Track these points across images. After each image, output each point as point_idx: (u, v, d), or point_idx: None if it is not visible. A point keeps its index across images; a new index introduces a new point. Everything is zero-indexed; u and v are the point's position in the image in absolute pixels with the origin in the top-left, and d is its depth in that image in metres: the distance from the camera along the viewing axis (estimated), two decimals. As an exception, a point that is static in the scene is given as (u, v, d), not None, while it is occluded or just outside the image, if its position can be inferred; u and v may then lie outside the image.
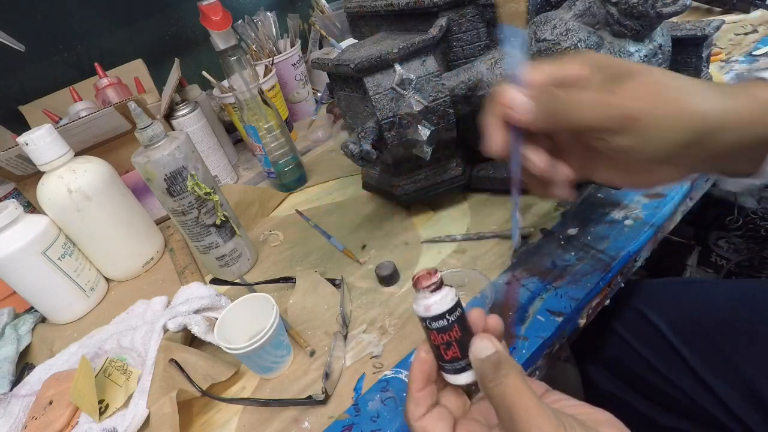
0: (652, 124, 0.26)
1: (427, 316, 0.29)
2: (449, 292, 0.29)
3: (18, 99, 0.82)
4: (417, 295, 0.30)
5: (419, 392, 0.29)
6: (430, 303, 0.29)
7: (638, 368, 0.50)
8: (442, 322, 0.29)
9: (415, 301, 0.30)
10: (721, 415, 0.43)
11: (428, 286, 0.29)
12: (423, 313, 0.29)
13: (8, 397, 0.50)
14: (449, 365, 0.29)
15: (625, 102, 0.26)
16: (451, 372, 0.30)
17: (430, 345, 0.30)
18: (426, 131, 0.46)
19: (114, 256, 0.64)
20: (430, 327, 0.29)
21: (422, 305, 0.29)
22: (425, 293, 0.29)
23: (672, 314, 0.48)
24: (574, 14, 0.44)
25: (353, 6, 0.56)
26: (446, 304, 0.29)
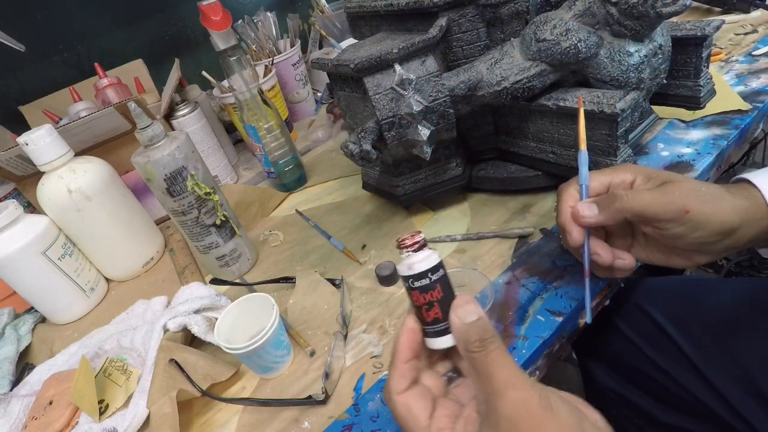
0: (698, 217, 0.34)
1: (410, 275, 0.29)
2: (432, 253, 0.30)
3: (18, 99, 0.82)
4: (401, 255, 0.30)
5: (405, 363, 0.30)
6: (413, 261, 0.29)
7: (640, 364, 0.50)
8: (425, 281, 0.29)
9: (400, 263, 0.30)
10: (722, 411, 0.43)
11: (412, 245, 0.30)
12: (406, 271, 0.29)
13: (8, 397, 0.50)
14: (430, 327, 0.30)
15: (680, 199, 0.34)
16: (431, 335, 0.30)
17: (412, 307, 0.30)
18: (426, 131, 0.46)
19: (114, 256, 0.64)
20: (413, 286, 0.29)
21: (405, 264, 0.29)
22: (408, 252, 0.30)
23: (674, 310, 0.48)
24: (573, 14, 0.44)
25: (353, 6, 0.56)
26: (429, 263, 0.29)
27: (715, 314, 0.46)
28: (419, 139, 0.46)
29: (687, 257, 0.37)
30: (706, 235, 0.34)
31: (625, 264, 0.38)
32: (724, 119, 0.56)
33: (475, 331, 0.27)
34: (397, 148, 0.49)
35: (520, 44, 0.47)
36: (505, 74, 0.46)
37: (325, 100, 0.99)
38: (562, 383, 0.81)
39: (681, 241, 0.35)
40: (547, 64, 0.45)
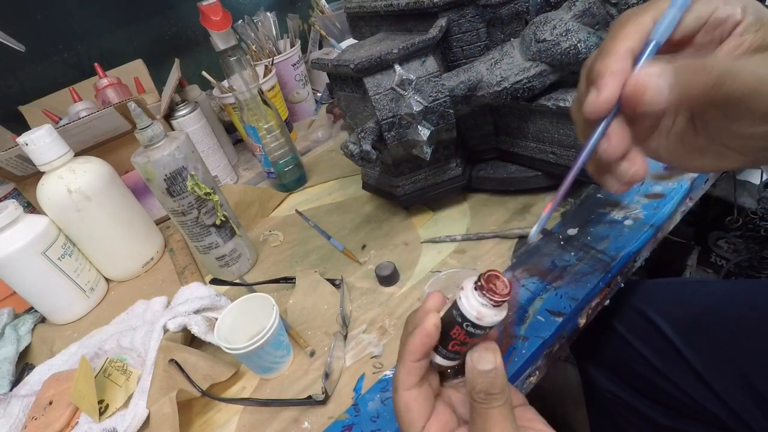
0: None
1: (472, 322, 0.27)
2: (501, 311, 0.27)
3: (18, 99, 0.82)
4: (474, 295, 0.26)
5: (415, 363, 0.29)
6: (485, 314, 0.26)
7: (638, 367, 0.50)
8: (479, 332, 0.27)
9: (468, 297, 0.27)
10: (721, 413, 0.43)
11: (497, 301, 0.26)
12: (472, 317, 0.26)
13: (8, 397, 0.50)
14: (444, 352, 0.29)
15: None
16: (441, 356, 0.29)
17: (445, 329, 0.28)
18: (426, 131, 0.46)
19: (114, 256, 0.64)
20: (464, 326, 0.27)
21: (476, 311, 0.26)
22: (489, 301, 0.26)
23: (672, 313, 0.48)
24: (573, 15, 0.44)
25: (353, 6, 0.56)
26: (495, 321, 0.27)
27: (714, 316, 0.46)
28: (419, 139, 0.46)
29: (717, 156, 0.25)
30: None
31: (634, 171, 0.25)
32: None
33: (483, 381, 0.26)
34: (397, 148, 0.49)
35: (520, 44, 0.47)
36: (505, 74, 0.46)
37: (325, 100, 0.99)
38: (562, 384, 0.81)
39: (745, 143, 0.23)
40: (547, 65, 0.45)
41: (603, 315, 0.47)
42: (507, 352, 0.39)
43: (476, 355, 0.27)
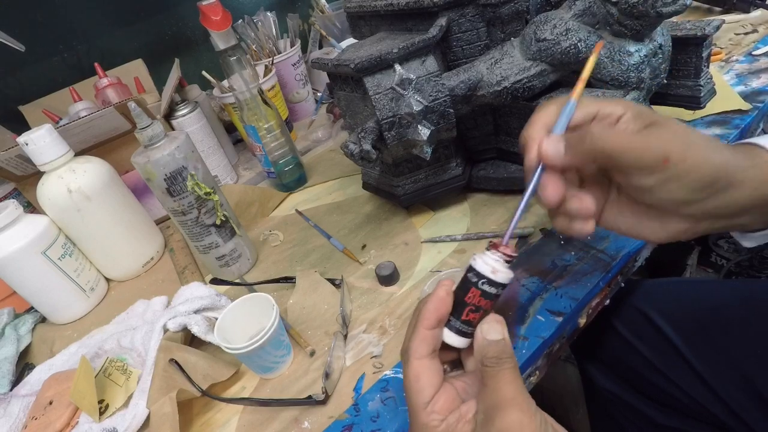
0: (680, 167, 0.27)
1: (488, 277, 0.29)
2: (510, 272, 0.30)
3: (18, 99, 0.82)
4: (489, 254, 0.30)
5: (429, 330, 0.30)
6: (499, 269, 0.29)
7: (638, 367, 0.50)
8: (494, 290, 0.29)
9: (482, 258, 0.30)
10: (720, 413, 0.43)
11: (509, 256, 0.30)
12: (487, 272, 0.29)
13: (8, 397, 0.50)
14: (458, 324, 0.30)
15: (661, 145, 0.28)
16: (454, 331, 0.30)
17: (459, 298, 0.30)
18: (426, 131, 0.46)
19: (114, 256, 0.64)
20: (480, 287, 0.29)
21: (491, 266, 0.29)
22: (500, 256, 0.30)
23: (672, 313, 0.48)
24: (574, 14, 0.44)
25: (353, 6, 0.56)
26: (507, 278, 0.30)
27: (714, 316, 0.46)
28: (419, 139, 0.46)
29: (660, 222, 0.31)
30: (686, 190, 0.28)
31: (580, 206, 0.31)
32: (725, 119, 0.56)
33: (494, 348, 0.28)
34: (397, 148, 0.49)
35: (520, 44, 0.47)
36: (506, 74, 0.46)
37: (325, 99, 0.98)
38: (562, 383, 0.81)
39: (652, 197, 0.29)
40: (547, 64, 0.45)
41: (603, 315, 0.47)
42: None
43: (486, 326, 0.29)
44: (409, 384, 0.30)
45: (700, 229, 0.30)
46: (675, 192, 0.28)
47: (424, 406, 0.29)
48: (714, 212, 0.29)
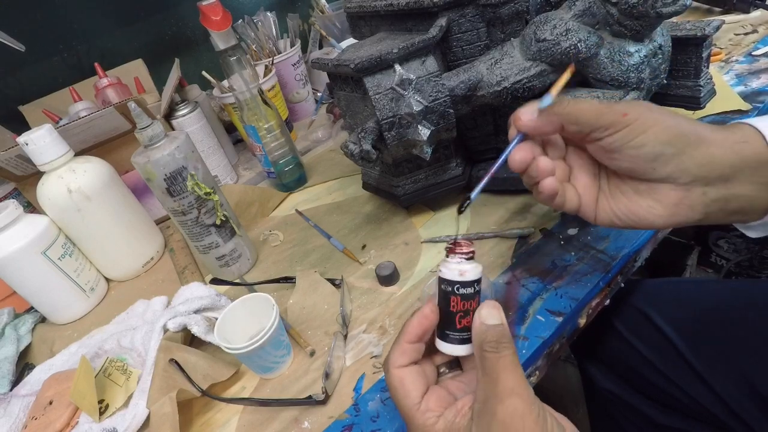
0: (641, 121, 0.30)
1: (459, 281, 0.29)
2: (477, 265, 0.30)
3: (18, 99, 0.82)
4: (450, 260, 0.30)
5: (409, 344, 0.31)
6: (465, 269, 0.29)
7: (638, 367, 0.50)
8: (470, 290, 0.30)
9: (446, 266, 0.30)
10: (720, 413, 0.43)
11: (467, 253, 0.30)
12: (456, 277, 0.29)
13: (8, 397, 0.50)
14: (456, 334, 0.30)
15: (622, 106, 0.31)
16: (455, 341, 0.31)
17: (445, 311, 0.30)
18: (426, 131, 0.46)
19: (114, 256, 0.64)
20: (457, 292, 0.30)
21: (457, 270, 0.30)
22: (461, 259, 0.30)
23: (672, 313, 0.48)
24: (574, 14, 0.44)
25: (353, 6, 0.56)
26: (477, 274, 0.30)
27: (714, 316, 0.46)
28: (419, 139, 0.46)
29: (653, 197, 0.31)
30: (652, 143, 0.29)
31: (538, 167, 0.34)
32: (724, 119, 0.56)
33: (494, 333, 0.28)
34: (397, 148, 0.49)
35: (520, 44, 0.47)
36: (505, 74, 0.46)
37: (325, 99, 0.99)
38: (562, 383, 0.81)
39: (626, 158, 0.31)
40: (547, 64, 0.45)
41: (603, 315, 0.47)
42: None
43: (485, 311, 0.29)
44: (395, 390, 0.30)
45: (694, 197, 0.30)
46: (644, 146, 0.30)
47: (416, 406, 0.29)
48: (697, 172, 0.29)
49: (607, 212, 0.34)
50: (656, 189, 0.31)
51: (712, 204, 0.30)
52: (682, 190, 0.30)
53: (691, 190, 0.30)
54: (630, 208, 0.33)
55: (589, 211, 0.35)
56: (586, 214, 0.35)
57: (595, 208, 0.35)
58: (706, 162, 0.29)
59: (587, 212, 0.35)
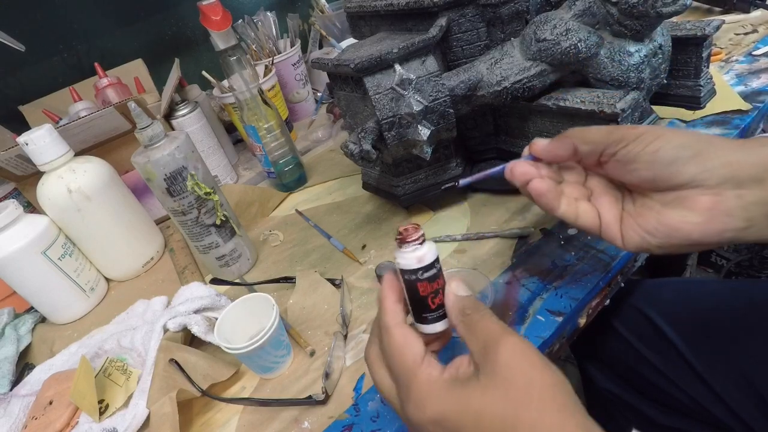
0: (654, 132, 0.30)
1: (420, 267, 0.29)
2: (431, 243, 0.30)
3: (18, 99, 0.82)
4: (404, 249, 0.30)
5: (395, 304, 0.30)
6: (422, 254, 0.29)
7: (638, 367, 0.50)
8: (433, 271, 0.30)
9: (402, 256, 0.30)
10: (720, 413, 0.43)
11: (417, 238, 0.30)
12: (416, 264, 0.29)
13: (8, 397, 0.50)
14: (432, 314, 0.31)
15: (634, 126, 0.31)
16: (432, 321, 0.31)
17: (415, 297, 0.30)
18: (426, 131, 0.46)
19: (114, 256, 0.64)
20: (421, 278, 0.30)
21: (414, 257, 0.29)
22: (414, 245, 0.30)
23: (672, 313, 0.48)
24: (574, 14, 0.44)
25: (353, 6, 0.56)
26: (434, 253, 0.30)
27: (714, 316, 0.46)
28: (419, 139, 0.46)
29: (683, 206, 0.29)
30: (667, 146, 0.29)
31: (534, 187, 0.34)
32: (725, 119, 0.56)
33: (468, 300, 0.29)
34: (397, 148, 0.49)
35: (520, 44, 0.47)
36: (505, 74, 0.46)
37: (325, 99, 0.99)
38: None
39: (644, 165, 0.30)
40: (547, 64, 0.45)
41: (603, 315, 0.47)
42: None
43: (454, 285, 0.30)
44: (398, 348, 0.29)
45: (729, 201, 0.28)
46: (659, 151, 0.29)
47: (420, 359, 0.28)
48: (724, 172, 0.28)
49: (636, 231, 0.32)
50: (685, 197, 0.29)
51: (752, 208, 0.28)
52: (712, 194, 0.28)
53: (723, 193, 0.28)
54: (661, 221, 0.30)
55: (612, 232, 0.33)
56: (609, 235, 0.34)
57: (620, 229, 0.33)
58: (731, 162, 0.28)
59: (611, 234, 0.33)
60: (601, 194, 0.35)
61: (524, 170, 0.34)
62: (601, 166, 0.33)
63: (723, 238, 0.29)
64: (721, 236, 0.29)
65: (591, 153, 0.32)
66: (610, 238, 0.34)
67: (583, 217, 0.34)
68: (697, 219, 0.29)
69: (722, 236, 0.29)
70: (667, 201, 0.30)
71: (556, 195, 0.34)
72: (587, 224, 0.34)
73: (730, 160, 0.28)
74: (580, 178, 0.36)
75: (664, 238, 0.30)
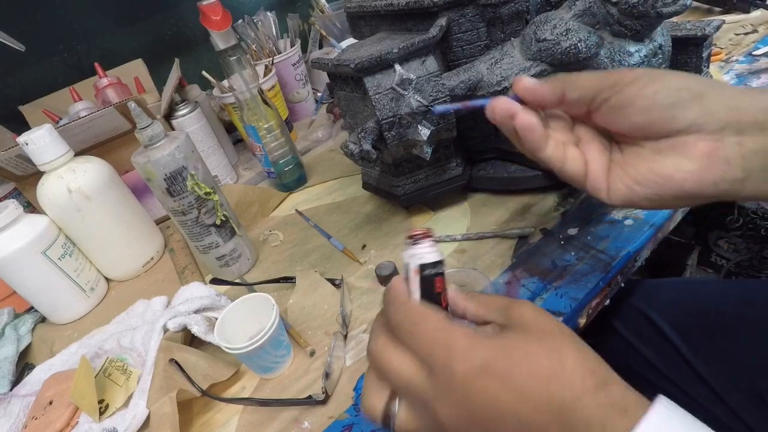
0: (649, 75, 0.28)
1: (441, 260, 0.29)
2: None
3: (18, 99, 0.82)
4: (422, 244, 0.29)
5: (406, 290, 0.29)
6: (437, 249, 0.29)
7: (638, 367, 0.50)
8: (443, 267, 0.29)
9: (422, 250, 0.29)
10: (720, 412, 0.43)
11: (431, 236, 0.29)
12: (438, 257, 0.29)
13: (8, 397, 0.50)
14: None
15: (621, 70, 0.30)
16: None
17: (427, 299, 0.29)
18: (426, 131, 0.46)
19: (114, 256, 0.64)
20: (440, 272, 0.29)
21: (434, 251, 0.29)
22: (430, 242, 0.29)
23: (673, 313, 0.48)
24: (574, 14, 0.44)
25: (353, 6, 0.56)
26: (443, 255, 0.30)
27: (713, 316, 0.46)
28: (419, 139, 0.46)
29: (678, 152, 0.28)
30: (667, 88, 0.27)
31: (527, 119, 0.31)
32: (724, 119, 0.56)
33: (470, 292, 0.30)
34: (397, 148, 0.49)
35: (520, 44, 0.47)
36: (506, 74, 0.46)
37: (325, 99, 0.98)
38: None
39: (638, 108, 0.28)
40: (547, 64, 0.45)
41: (603, 315, 0.47)
42: None
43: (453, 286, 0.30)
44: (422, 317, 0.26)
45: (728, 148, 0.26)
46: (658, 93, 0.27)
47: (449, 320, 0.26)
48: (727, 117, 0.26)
49: (624, 182, 0.30)
50: (682, 143, 0.27)
51: (751, 157, 0.26)
52: (712, 140, 0.26)
53: (723, 139, 0.26)
54: (653, 170, 0.28)
55: (598, 182, 0.31)
56: (594, 185, 0.31)
57: (607, 180, 0.31)
58: (736, 106, 0.26)
59: (596, 183, 0.31)
60: (589, 141, 0.32)
61: (507, 106, 0.32)
62: (591, 117, 0.31)
63: (718, 189, 0.27)
64: (717, 187, 0.27)
65: (580, 100, 0.30)
66: (595, 188, 0.31)
67: (570, 163, 0.32)
68: (692, 167, 0.27)
69: (718, 187, 0.27)
70: (660, 149, 0.28)
71: (543, 134, 0.31)
72: (574, 171, 0.32)
73: (736, 104, 0.26)
74: (568, 124, 0.33)
75: (655, 188, 0.29)
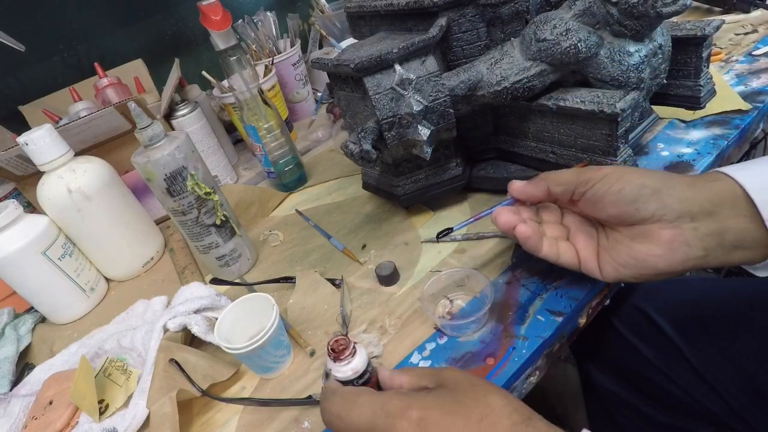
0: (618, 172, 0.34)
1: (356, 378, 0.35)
2: (361, 348, 0.35)
3: (18, 99, 0.82)
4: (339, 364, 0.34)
5: None
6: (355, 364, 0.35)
7: (638, 366, 0.50)
8: (366, 375, 0.35)
9: (338, 369, 0.34)
10: (721, 411, 0.43)
11: (350, 352, 0.34)
12: (352, 376, 0.34)
13: (8, 397, 0.50)
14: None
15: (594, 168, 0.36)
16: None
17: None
18: (426, 131, 0.46)
19: (114, 256, 0.64)
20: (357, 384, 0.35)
21: (349, 369, 0.34)
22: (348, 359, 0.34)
23: (673, 312, 0.48)
24: (574, 14, 0.44)
25: (353, 6, 0.56)
26: (365, 359, 0.35)
27: (713, 314, 0.46)
28: (419, 139, 0.46)
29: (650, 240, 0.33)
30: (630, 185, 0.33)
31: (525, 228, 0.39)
32: (725, 119, 0.56)
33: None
34: (397, 148, 0.49)
35: (520, 44, 0.47)
36: (505, 74, 0.46)
37: (325, 99, 0.99)
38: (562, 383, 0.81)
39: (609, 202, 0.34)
40: (547, 64, 0.45)
41: (603, 314, 0.47)
42: (507, 351, 0.39)
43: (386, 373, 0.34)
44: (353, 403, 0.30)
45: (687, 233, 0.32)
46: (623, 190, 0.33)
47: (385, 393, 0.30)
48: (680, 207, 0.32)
49: (611, 265, 0.36)
50: (649, 231, 0.33)
51: (707, 238, 0.31)
52: (672, 228, 0.32)
53: (681, 226, 0.32)
54: (630, 254, 0.34)
55: (591, 267, 0.37)
56: (589, 269, 0.38)
57: (598, 263, 0.37)
58: (685, 198, 0.32)
59: (589, 268, 0.37)
60: (577, 231, 0.39)
61: (507, 219, 0.39)
62: (575, 204, 0.38)
63: (686, 266, 0.32)
64: (684, 265, 0.32)
65: (563, 193, 0.37)
66: (589, 271, 0.38)
67: (563, 256, 0.39)
68: (660, 251, 0.33)
69: (685, 265, 0.32)
70: (634, 235, 0.34)
71: (539, 238, 0.39)
72: (568, 262, 0.39)
73: (685, 197, 0.32)
74: (557, 216, 0.41)
75: (636, 269, 0.34)
